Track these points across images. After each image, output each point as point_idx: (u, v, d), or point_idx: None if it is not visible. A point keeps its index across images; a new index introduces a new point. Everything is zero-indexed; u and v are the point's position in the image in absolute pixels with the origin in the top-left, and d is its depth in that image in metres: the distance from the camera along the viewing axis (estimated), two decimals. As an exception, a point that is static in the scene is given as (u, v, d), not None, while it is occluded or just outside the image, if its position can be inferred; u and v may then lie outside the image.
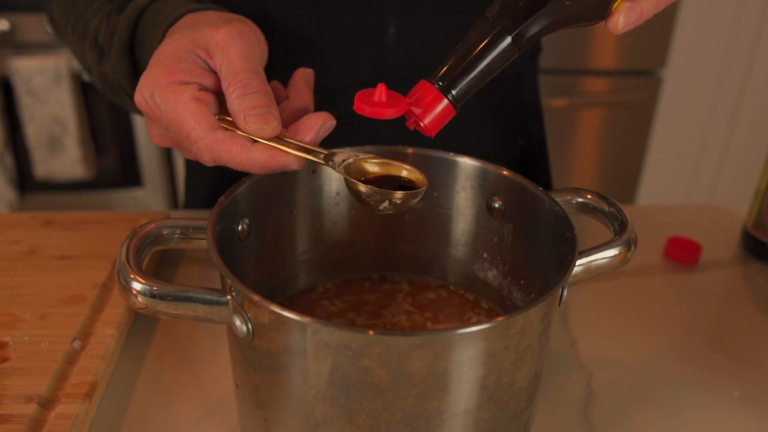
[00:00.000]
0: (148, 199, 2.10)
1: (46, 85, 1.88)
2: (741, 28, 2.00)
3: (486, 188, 0.47)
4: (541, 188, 0.44)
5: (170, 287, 0.35)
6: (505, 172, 0.45)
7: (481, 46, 0.38)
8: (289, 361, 0.33)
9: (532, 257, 0.46)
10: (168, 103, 0.42)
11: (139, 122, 1.98)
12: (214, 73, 0.44)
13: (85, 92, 1.94)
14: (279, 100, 0.47)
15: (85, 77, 1.90)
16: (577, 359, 0.53)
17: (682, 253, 0.67)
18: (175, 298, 0.35)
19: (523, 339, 0.34)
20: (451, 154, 0.47)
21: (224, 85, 0.42)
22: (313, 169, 0.47)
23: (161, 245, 0.40)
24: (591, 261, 0.39)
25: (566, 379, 0.51)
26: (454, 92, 0.38)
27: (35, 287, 0.55)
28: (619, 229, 0.41)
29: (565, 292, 0.38)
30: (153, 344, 0.53)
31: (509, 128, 0.76)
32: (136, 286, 0.35)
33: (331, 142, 0.44)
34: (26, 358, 0.47)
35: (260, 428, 0.38)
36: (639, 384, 0.51)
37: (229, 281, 0.34)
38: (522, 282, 0.47)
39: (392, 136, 0.52)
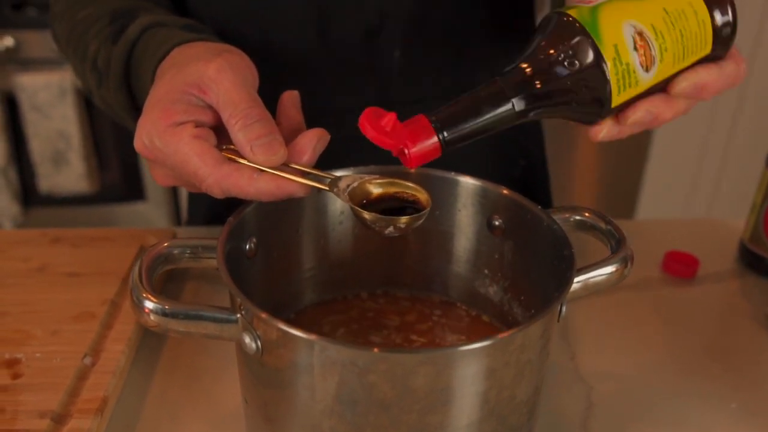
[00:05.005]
0: (151, 213, 2.11)
1: (51, 101, 1.90)
2: (738, 43, 2.01)
3: (486, 206, 0.48)
4: (539, 207, 0.45)
5: (181, 306, 0.36)
6: (504, 191, 0.47)
7: (483, 101, 0.39)
8: (297, 377, 0.35)
9: (531, 273, 0.47)
10: (169, 145, 0.42)
11: (142, 137, 1.99)
12: (210, 108, 0.44)
13: (89, 107, 1.96)
14: None
15: (89, 93, 1.93)
16: (576, 373, 0.54)
17: (680, 267, 0.68)
18: (187, 317, 0.36)
19: (523, 354, 0.35)
20: (453, 173, 0.48)
21: (225, 118, 0.42)
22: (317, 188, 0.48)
23: (172, 264, 0.41)
24: (588, 278, 0.40)
25: (566, 392, 0.52)
26: (446, 134, 0.39)
27: (46, 304, 0.56)
28: (616, 247, 0.42)
29: (564, 309, 0.40)
30: (162, 360, 0.54)
31: (510, 149, 0.77)
32: (149, 305, 0.36)
33: (335, 163, 0.46)
34: (39, 375, 0.49)
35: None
36: (638, 396, 0.52)
37: (238, 300, 0.35)
38: (522, 297, 0.48)
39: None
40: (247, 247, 0.44)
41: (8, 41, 1.84)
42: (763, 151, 0.76)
